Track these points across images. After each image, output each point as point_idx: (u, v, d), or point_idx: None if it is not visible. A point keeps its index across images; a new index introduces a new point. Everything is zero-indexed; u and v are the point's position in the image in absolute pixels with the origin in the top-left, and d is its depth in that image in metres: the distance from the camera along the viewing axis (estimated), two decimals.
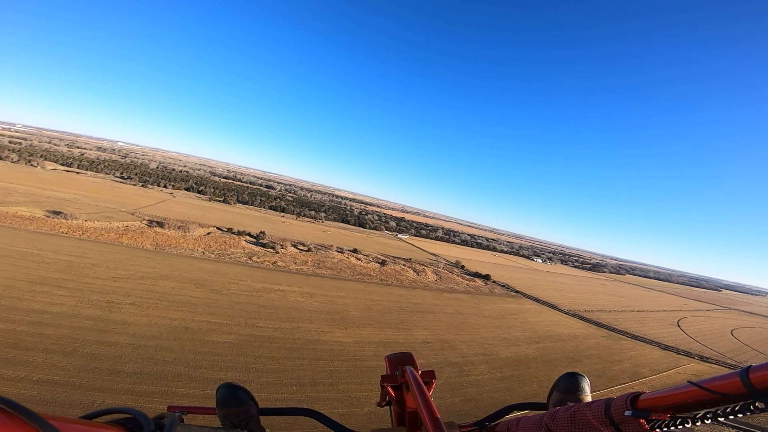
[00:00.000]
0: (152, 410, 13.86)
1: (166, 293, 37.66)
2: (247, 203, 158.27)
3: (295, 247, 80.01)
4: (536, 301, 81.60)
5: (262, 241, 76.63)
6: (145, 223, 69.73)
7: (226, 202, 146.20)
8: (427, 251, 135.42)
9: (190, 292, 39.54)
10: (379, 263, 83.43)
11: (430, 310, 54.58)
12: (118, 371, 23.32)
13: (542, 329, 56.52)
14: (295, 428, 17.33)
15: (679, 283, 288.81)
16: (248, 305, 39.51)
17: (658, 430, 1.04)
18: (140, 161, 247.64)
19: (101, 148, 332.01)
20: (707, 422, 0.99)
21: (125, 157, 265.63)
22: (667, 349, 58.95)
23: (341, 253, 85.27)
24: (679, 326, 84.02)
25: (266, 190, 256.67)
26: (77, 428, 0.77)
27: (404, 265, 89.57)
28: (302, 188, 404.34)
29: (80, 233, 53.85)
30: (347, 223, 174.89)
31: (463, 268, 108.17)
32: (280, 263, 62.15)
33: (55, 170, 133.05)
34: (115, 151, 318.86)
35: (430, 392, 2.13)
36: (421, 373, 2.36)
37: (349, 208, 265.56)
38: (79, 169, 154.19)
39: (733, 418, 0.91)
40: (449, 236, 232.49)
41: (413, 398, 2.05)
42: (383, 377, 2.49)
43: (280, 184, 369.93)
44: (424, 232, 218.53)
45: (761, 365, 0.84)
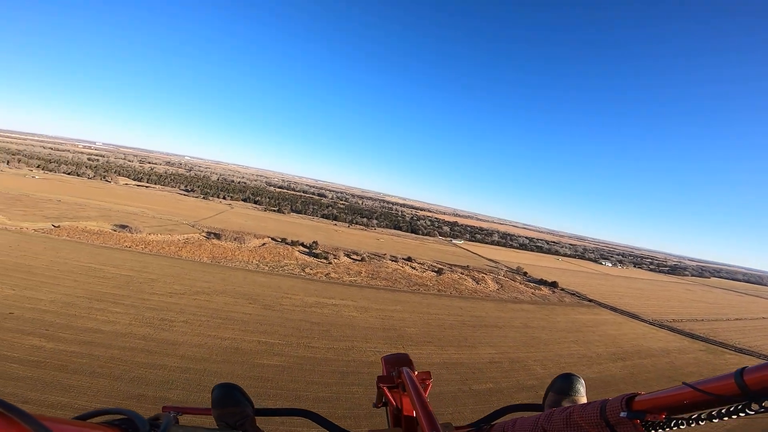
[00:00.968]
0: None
1: (219, 309, 36.75)
2: (300, 212, 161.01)
3: (348, 256, 78.03)
4: (613, 310, 74.15)
5: (315, 251, 75.44)
6: (203, 235, 71.33)
7: (280, 211, 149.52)
8: (484, 257, 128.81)
9: (242, 308, 38.29)
10: (435, 272, 78.99)
11: (494, 323, 49.90)
12: (163, 399, 21.90)
13: (627, 343, 50.75)
14: (292, 429, 17.21)
15: None
16: (300, 322, 37.59)
17: (653, 431, 1.04)
18: (203, 174, 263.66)
19: (170, 162, 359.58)
20: (702, 423, 1.00)
21: (190, 170, 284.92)
22: None
23: (395, 261, 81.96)
24: None
25: (318, 198, 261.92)
26: (70, 429, 0.76)
27: (462, 273, 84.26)
28: (353, 195, 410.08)
29: (143, 246, 55.41)
30: (399, 229, 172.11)
31: (525, 274, 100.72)
32: (333, 275, 60.04)
33: (126, 185, 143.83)
34: (181, 165, 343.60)
35: (426, 393, 2.10)
36: (417, 373, 2.36)
37: (400, 213, 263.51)
38: (148, 183, 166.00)
39: (727, 419, 0.91)
40: (506, 240, 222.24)
41: (410, 399, 2.01)
42: (379, 378, 2.45)
43: (331, 191, 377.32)
44: (479, 236, 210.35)
45: (756, 367, 0.84)
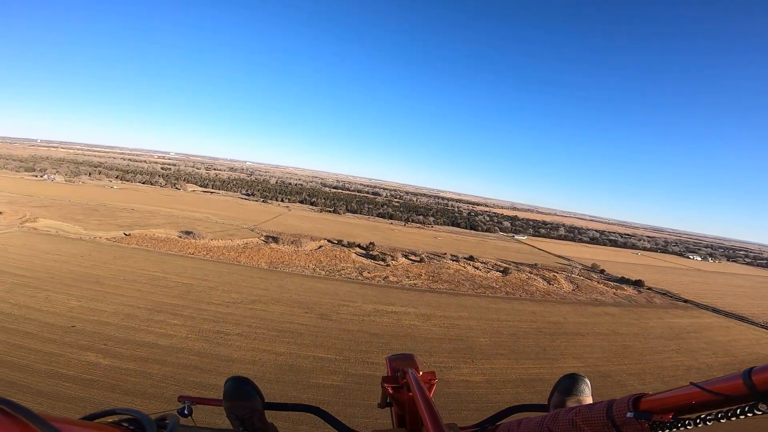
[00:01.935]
0: None
1: (274, 320, 35.23)
2: (355, 212, 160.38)
3: (406, 257, 74.68)
4: (715, 312, 64.26)
5: (371, 252, 73.01)
6: (262, 239, 71.88)
7: (336, 212, 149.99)
8: (552, 254, 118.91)
9: (298, 318, 36.41)
10: (500, 272, 73.05)
11: (575, 330, 44.05)
12: (210, 425, 19.64)
13: (741, 351, 44.41)
14: (300, 424, 17.56)
15: None
16: (358, 333, 34.93)
17: None
18: (263, 178, 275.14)
19: (233, 168, 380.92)
20: (709, 424, 0.99)
21: (251, 174, 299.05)
22: None
23: (456, 261, 77.13)
24: None
25: (373, 197, 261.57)
26: (78, 429, 0.76)
27: (530, 272, 77.31)
28: (407, 192, 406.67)
29: (205, 253, 56.25)
30: (457, 226, 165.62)
31: (603, 272, 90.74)
32: (391, 278, 56.94)
33: (194, 191, 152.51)
34: (243, 170, 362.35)
35: (431, 393, 2.11)
36: (422, 374, 2.34)
37: (456, 209, 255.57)
38: (213, 189, 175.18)
39: (735, 419, 0.90)
40: (574, 234, 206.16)
41: (414, 399, 2.01)
42: (384, 378, 2.42)
43: (385, 189, 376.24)
44: (543, 231, 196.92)
45: (764, 367, 0.83)
